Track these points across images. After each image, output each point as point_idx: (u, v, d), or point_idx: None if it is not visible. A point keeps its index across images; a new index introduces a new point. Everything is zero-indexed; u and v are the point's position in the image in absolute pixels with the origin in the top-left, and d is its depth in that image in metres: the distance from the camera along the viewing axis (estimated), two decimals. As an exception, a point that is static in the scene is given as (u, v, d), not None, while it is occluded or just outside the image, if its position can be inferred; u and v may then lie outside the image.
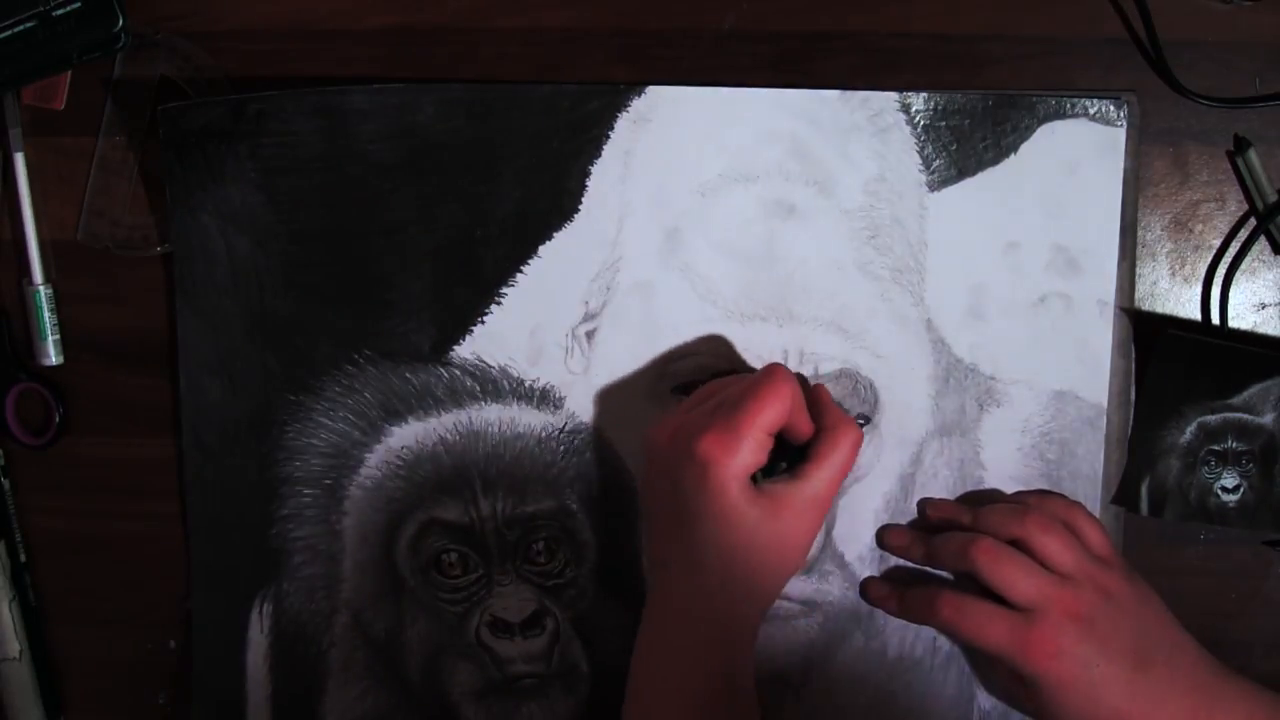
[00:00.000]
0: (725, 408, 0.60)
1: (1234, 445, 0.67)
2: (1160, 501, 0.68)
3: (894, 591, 0.65)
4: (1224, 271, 0.69)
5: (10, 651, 0.72)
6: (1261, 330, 0.69)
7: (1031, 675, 0.59)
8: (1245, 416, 0.67)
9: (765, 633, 0.68)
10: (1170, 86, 0.67)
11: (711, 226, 0.67)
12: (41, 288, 0.70)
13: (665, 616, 0.61)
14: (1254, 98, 0.68)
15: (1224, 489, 0.68)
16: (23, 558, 0.73)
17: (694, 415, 0.61)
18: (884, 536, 0.67)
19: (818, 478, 0.61)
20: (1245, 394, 0.67)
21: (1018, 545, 0.61)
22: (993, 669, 0.62)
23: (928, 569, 0.64)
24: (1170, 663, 0.60)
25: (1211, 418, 0.67)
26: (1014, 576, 0.59)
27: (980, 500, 0.65)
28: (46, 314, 0.71)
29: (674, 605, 0.61)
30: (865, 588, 0.67)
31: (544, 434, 0.68)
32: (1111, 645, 0.59)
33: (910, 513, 0.68)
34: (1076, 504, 0.64)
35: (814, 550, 0.68)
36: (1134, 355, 0.68)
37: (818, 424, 0.63)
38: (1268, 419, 0.67)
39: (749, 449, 0.59)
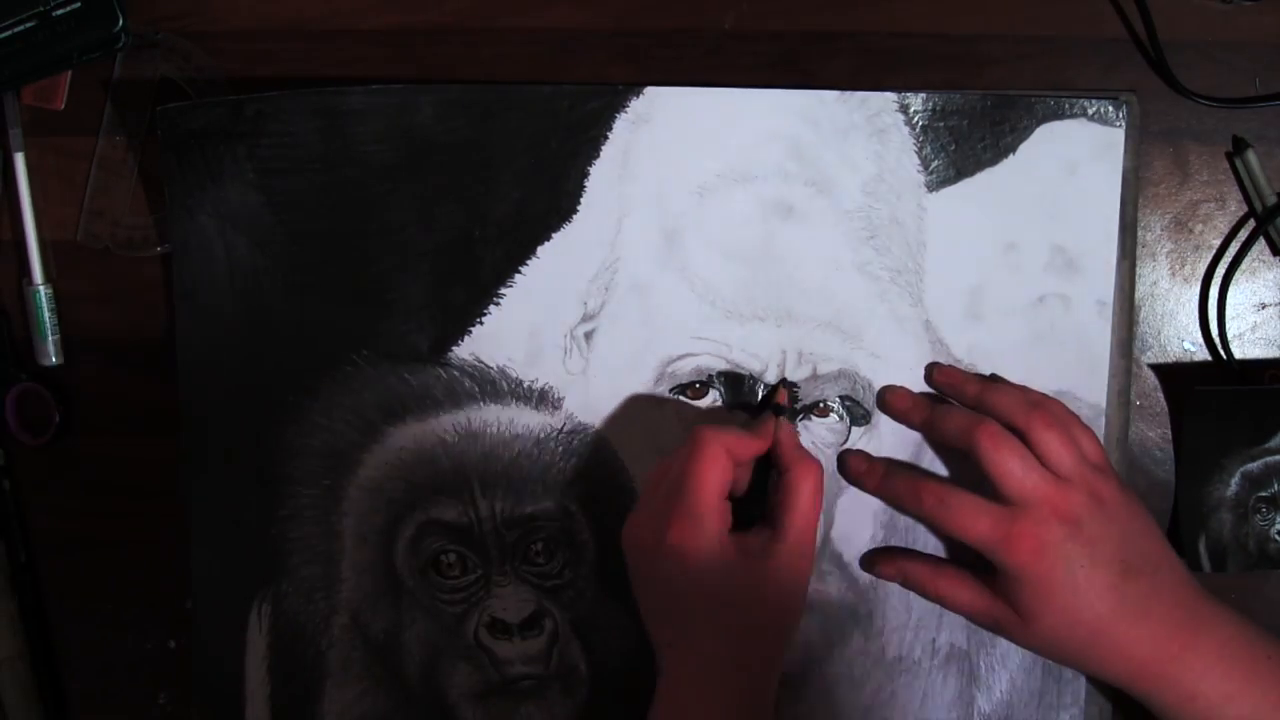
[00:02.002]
0: (675, 492, 0.60)
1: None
2: (1221, 557, 0.68)
3: (875, 468, 0.66)
4: (1223, 271, 0.69)
5: (10, 652, 0.72)
6: (1261, 331, 0.69)
7: (1015, 569, 0.58)
8: None
9: (764, 633, 0.68)
10: (1170, 86, 0.67)
11: (710, 227, 0.67)
12: (41, 288, 0.71)
13: (680, 693, 0.61)
14: (1253, 98, 0.67)
15: None
16: (23, 558, 0.73)
17: (655, 510, 0.61)
18: (885, 395, 0.67)
19: (790, 524, 0.61)
20: None
21: (1018, 436, 0.61)
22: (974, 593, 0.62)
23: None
24: (1154, 576, 0.60)
25: (1253, 465, 0.67)
26: (1011, 465, 0.59)
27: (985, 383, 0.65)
28: (46, 314, 0.71)
29: (687, 680, 0.61)
30: (844, 460, 0.67)
31: (542, 434, 0.68)
32: (1099, 550, 0.59)
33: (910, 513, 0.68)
34: (1073, 413, 0.63)
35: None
36: (1134, 356, 0.68)
37: (781, 461, 0.63)
38: None
39: (711, 522, 0.59)
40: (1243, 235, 0.68)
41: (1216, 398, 0.67)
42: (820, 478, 0.62)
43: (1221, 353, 0.68)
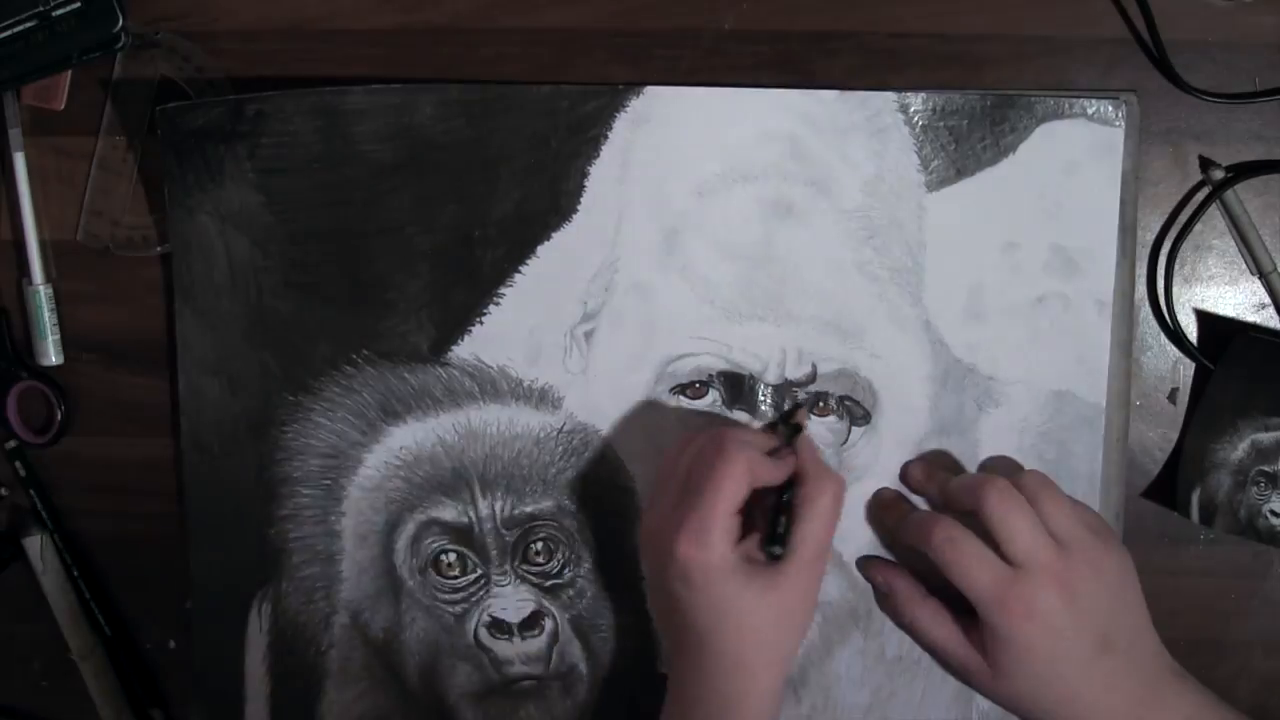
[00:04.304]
0: (690, 497, 0.60)
1: None
2: (1210, 513, 0.68)
3: (898, 503, 0.66)
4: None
5: (86, 646, 0.73)
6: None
7: (1003, 629, 0.58)
8: None
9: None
10: (1173, 84, 0.67)
11: (710, 226, 0.67)
12: (41, 287, 0.71)
13: (684, 701, 0.61)
14: (1255, 93, 0.67)
15: (1273, 512, 0.68)
16: (68, 558, 0.73)
17: (665, 513, 0.61)
18: (906, 469, 0.67)
19: (805, 537, 0.60)
20: None
21: None
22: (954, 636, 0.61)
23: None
24: (1130, 650, 0.60)
25: (1265, 436, 0.67)
26: (1019, 526, 0.59)
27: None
28: (46, 314, 0.71)
29: (690, 700, 0.61)
30: (876, 495, 0.68)
31: (542, 434, 0.68)
32: (1085, 621, 0.59)
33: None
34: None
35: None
36: (1133, 354, 0.68)
37: (799, 474, 0.62)
38: None
39: (720, 540, 0.59)
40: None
41: (1261, 346, 0.67)
42: (840, 496, 0.61)
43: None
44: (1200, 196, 0.68)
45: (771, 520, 0.60)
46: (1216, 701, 0.60)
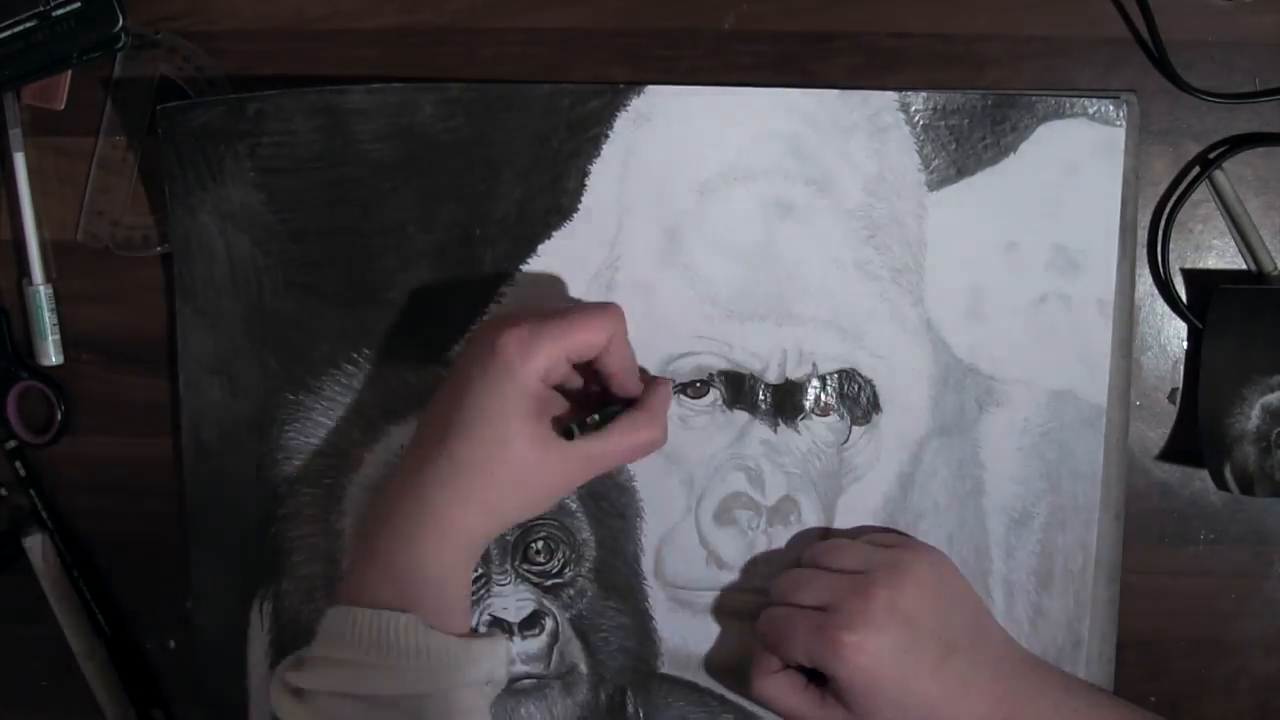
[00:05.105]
0: (545, 314, 0.59)
1: None
2: (1248, 484, 0.67)
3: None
4: (1224, 271, 0.69)
5: (87, 646, 0.72)
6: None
7: (845, 672, 0.59)
8: None
9: (765, 633, 0.68)
10: (1173, 84, 0.67)
11: (710, 226, 0.67)
12: (41, 288, 0.71)
13: (402, 487, 0.59)
14: (1255, 93, 0.67)
15: None
16: (69, 558, 0.73)
17: (513, 312, 0.59)
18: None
19: (603, 444, 0.59)
20: None
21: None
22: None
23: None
24: (975, 648, 0.60)
25: (1272, 396, 0.67)
26: (813, 582, 0.61)
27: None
28: (46, 314, 0.71)
29: (409, 477, 0.58)
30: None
31: (543, 433, 0.68)
32: (918, 633, 0.59)
33: (910, 512, 0.67)
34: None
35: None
36: (1132, 353, 0.68)
37: (642, 406, 0.61)
38: None
39: (542, 359, 0.57)
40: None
41: (1241, 299, 0.66)
42: (651, 450, 0.61)
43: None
44: (1196, 190, 0.68)
45: (588, 410, 0.60)
46: (1080, 686, 0.60)
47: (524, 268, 0.67)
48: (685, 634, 0.69)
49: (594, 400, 0.62)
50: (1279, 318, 0.66)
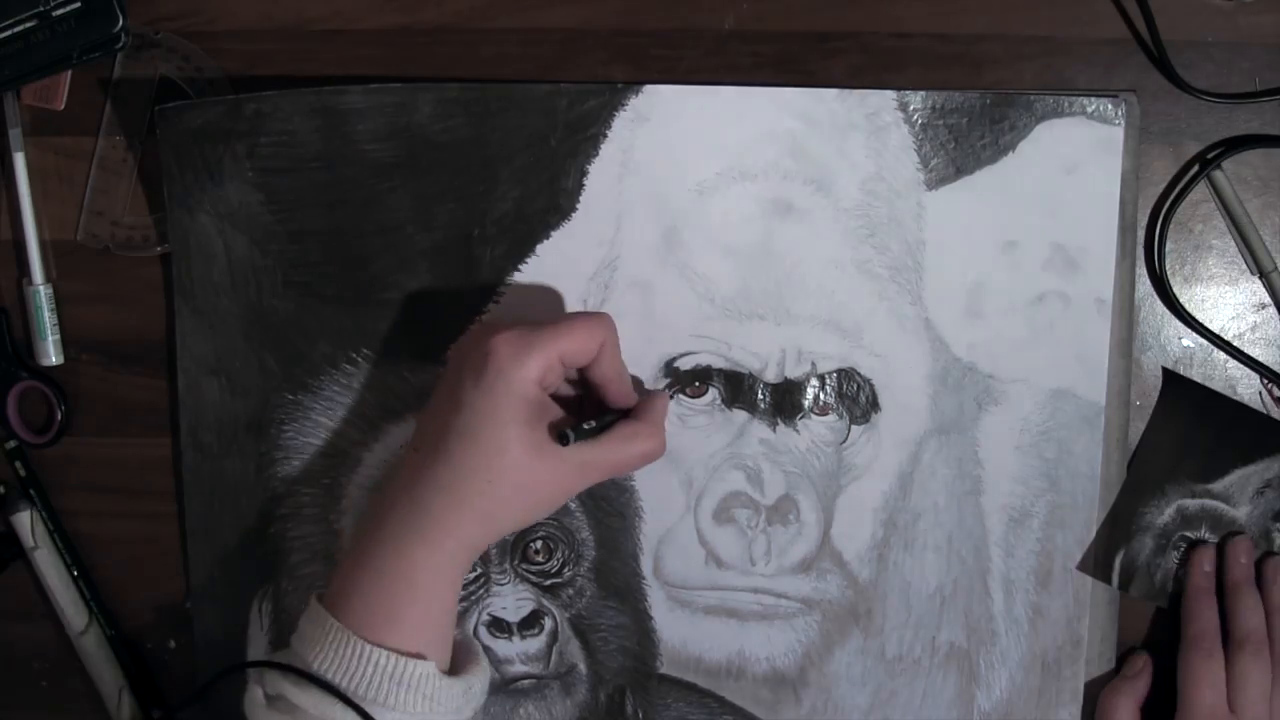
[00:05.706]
0: (530, 326, 0.59)
1: (1206, 535, 0.68)
2: (1130, 577, 0.68)
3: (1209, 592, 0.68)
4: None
5: (83, 622, 0.73)
6: (1260, 331, 0.69)
7: None
8: (1221, 507, 0.67)
9: (765, 632, 0.68)
10: (1173, 84, 0.67)
11: (709, 225, 0.67)
12: (41, 287, 0.71)
13: (398, 493, 0.59)
14: (1255, 93, 0.67)
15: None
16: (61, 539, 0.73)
17: (505, 321, 0.60)
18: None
19: (599, 451, 0.59)
20: (1227, 479, 0.67)
21: None
22: None
23: None
24: None
25: (1191, 502, 0.67)
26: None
27: None
28: (46, 314, 0.71)
29: (406, 483, 0.59)
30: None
31: (542, 433, 0.68)
32: None
33: (909, 511, 0.67)
34: None
35: (811, 549, 0.68)
36: (1132, 355, 0.68)
37: (640, 415, 0.62)
38: (1241, 512, 0.67)
39: (536, 363, 0.57)
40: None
41: (1194, 395, 0.67)
42: (650, 460, 0.62)
43: (1224, 350, 0.68)
44: (1196, 191, 0.68)
45: (584, 420, 0.60)
46: None
47: (522, 267, 0.67)
48: (684, 634, 0.69)
49: (590, 413, 0.62)
50: (1222, 428, 0.67)
